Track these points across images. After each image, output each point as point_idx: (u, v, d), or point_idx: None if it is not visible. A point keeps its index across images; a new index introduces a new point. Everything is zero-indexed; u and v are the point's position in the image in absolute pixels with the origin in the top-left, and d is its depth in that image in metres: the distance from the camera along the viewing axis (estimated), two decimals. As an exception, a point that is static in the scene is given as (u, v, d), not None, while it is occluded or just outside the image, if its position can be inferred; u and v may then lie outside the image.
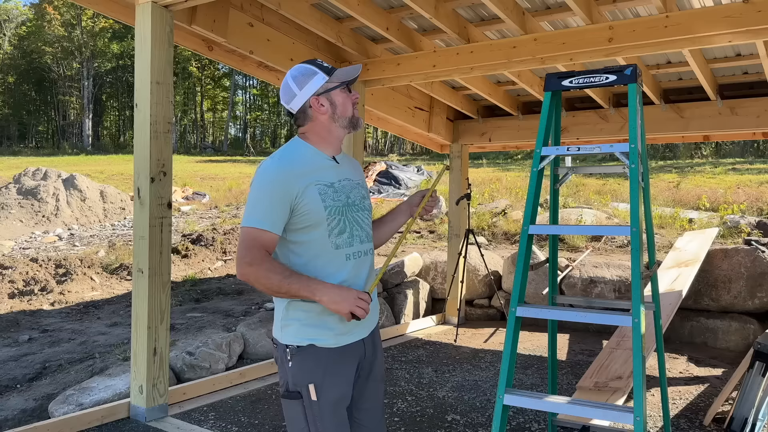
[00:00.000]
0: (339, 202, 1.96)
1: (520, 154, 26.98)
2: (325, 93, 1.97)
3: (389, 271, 6.78)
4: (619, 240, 9.18)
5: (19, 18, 58.96)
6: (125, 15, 4.21)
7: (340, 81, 1.99)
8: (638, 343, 2.39)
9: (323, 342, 1.91)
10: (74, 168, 20.76)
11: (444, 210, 13.21)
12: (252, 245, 1.84)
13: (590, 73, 2.72)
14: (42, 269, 8.43)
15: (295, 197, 1.87)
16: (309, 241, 1.92)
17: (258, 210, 1.86)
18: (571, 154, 2.65)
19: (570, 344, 6.04)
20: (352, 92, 2.03)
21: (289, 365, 1.91)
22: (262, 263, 1.83)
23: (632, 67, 2.65)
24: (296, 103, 1.98)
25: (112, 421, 3.79)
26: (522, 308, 2.59)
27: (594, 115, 6.28)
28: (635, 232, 2.44)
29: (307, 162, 1.95)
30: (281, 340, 1.94)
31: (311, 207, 1.89)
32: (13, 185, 15.16)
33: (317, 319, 1.91)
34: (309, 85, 1.96)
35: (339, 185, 1.98)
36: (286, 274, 1.84)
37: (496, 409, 2.52)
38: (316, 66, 1.99)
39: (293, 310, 1.92)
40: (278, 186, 1.87)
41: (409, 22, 4.91)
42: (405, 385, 4.67)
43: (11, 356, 5.41)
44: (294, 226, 1.91)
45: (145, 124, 3.62)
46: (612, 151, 2.60)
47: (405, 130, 7.10)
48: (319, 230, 1.91)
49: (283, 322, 1.94)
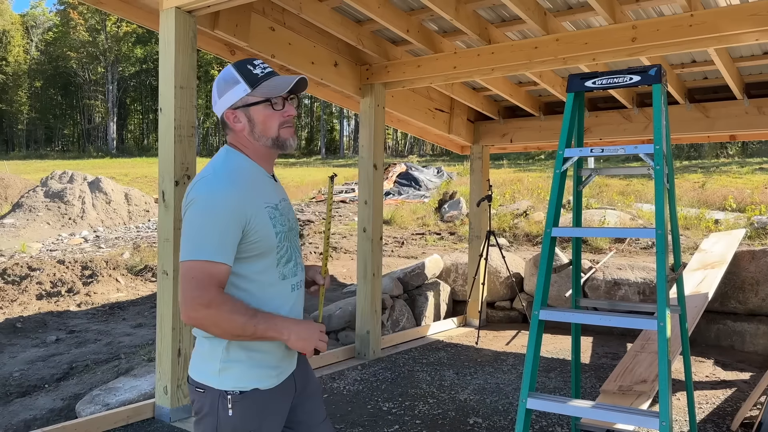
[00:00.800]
0: (285, 227, 1.72)
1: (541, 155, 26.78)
2: (244, 107, 1.68)
3: (410, 273, 6.77)
4: (644, 241, 9.07)
5: (45, 24, 60.16)
6: (149, 21, 4.28)
7: (265, 96, 1.67)
8: (664, 346, 2.36)
9: (266, 384, 1.69)
10: (99, 171, 21.10)
11: (464, 211, 13.17)
12: (207, 283, 1.54)
13: (614, 74, 2.70)
14: (69, 271, 8.59)
15: (247, 222, 1.61)
16: (255, 272, 1.66)
17: (210, 239, 1.56)
18: (594, 156, 2.63)
19: (593, 347, 5.97)
20: (285, 107, 1.71)
21: (228, 414, 1.63)
22: (223, 304, 1.55)
23: (657, 67, 2.62)
24: (217, 110, 1.73)
25: (138, 421, 3.84)
26: (545, 311, 2.57)
27: (617, 115, 6.21)
28: (660, 234, 2.41)
29: (252, 180, 1.69)
30: (218, 386, 1.64)
31: (263, 233, 1.64)
32: (40, 188, 15.47)
33: (262, 358, 1.68)
34: (227, 95, 1.69)
35: (281, 206, 1.74)
36: (250, 314, 1.58)
37: (519, 412, 2.51)
38: (244, 71, 1.68)
39: (235, 350, 1.65)
40: (232, 210, 1.58)
41: (430, 23, 4.90)
42: (426, 387, 4.67)
43: (39, 356, 5.52)
44: (240, 255, 1.63)
45: (169, 128, 3.67)
46: (636, 153, 2.57)
47: (425, 131, 7.09)
48: (267, 259, 1.67)
49: (222, 365, 1.64)
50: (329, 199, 1.94)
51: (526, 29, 4.75)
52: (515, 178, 17.40)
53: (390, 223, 13.43)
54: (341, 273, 8.56)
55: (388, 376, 4.92)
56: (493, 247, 6.53)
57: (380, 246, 5.45)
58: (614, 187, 14.44)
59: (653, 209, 11.64)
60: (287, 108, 1.72)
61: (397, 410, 4.17)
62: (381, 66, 5.30)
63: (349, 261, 9.47)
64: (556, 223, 2.65)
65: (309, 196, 19.78)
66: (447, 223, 13.14)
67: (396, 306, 6.40)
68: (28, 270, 8.64)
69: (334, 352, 5.34)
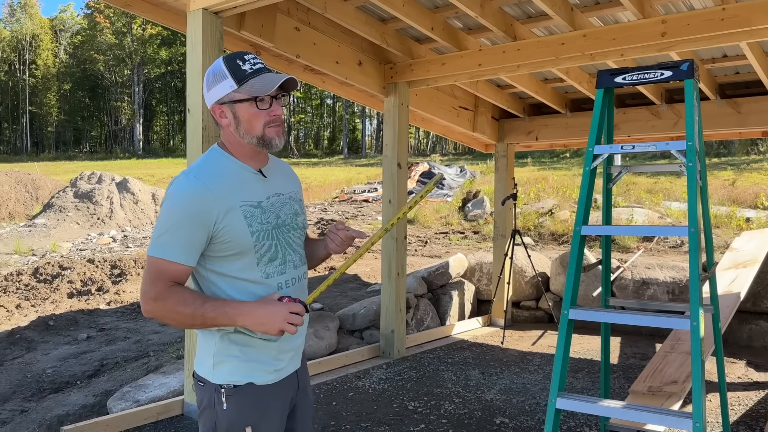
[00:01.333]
0: (268, 225, 1.69)
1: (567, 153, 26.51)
2: (230, 104, 1.66)
3: (434, 272, 6.75)
4: (672, 240, 8.92)
5: (73, 27, 61.31)
6: (176, 22, 4.33)
7: (250, 95, 1.64)
8: (697, 346, 2.31)
9: (262, 379, 1.70)
10: (126, 172, 21.44)
11: (488, 210, 13.09)
12: (157, 278, 1.58)
13: (644, 69, 2.65)
14: (98, 270, 8.74)
15: (213, 224, 1.60)
16: (234, 271, 1.66)
17: (168, 238, 1.59)
18: (625, 153, 2.59)
19: (621, 347, 5.89)
20: (272, 106, 1.67)
21: (223, 408, 1.66)
22: (169, 297, 1.58)
23: (689, 62, 2.57)
24: (207, 102, 1.72)
25: (167, 418, 3.90)
26: (574, 311, 2.54)
27: (645, 111, 6.12)
28: (693, 233, 2.36)
29: (228, 179, 1.67)
30: (212, 380, 1.68)
31: (234, 233, 1.63)
32: (70, 189, 15.77)
33: (255, 353, 1.69)
34: (215, 88, 1.67)
35: (267, 203, 1.71)
36: (198, 303, 1.58)
37: (548, 412, 2.48)
38: (232, 67, 1.65)
39: (227, 344, 1.68)
40: (194, 211, 1.59)
41: (454, 21, 4.88)
42: (452, 387, 4.65)
43: (71, 354, 5.63)
44: (215, 254, 1.65)
45: (197, 129, 3.71)
46: (668, 149, 2.53)
47: (449, 130, 7.06)
48: (244, 259, 1.66)
49: (215, 359, 1.68)
50: (415, 198, 1.78)
51: (552, 25, 4.70)
52: (540, 177, 17.24)
53: (413, 222, 13.41)
54: (365, 272, 8.57)
55: (414, 376, 4.91)
56: (518, 246, 6.48)
57: (404, 245, 5.44)
58: (642, 186, 14.22)
59: (682, 207, 11.44)
60: (274, 107, 1.68)
61: (422, 409, 4.16)
62: (405, 64, 5.29)
63: (372, 260, 9.48)
64: (586, 221, 2.62)
65: (332, 195, 19.86)
66: (471, 222, 13.08)
67: (420, 305, 6.39)
68: (60, 269, 8.82)
69: (359, 351, 5.35)
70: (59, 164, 34.74)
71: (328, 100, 57.27)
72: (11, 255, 11.84)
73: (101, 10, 53.25)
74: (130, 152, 49.35)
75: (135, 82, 53.82)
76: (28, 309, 7.44)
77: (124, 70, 54.69)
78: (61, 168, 30.27)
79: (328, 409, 4.16)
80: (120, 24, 53.46)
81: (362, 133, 53.13)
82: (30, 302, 7.67)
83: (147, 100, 56.65)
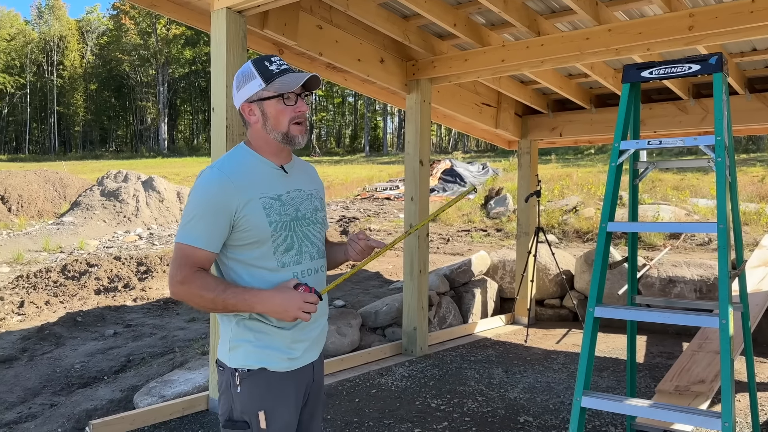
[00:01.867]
0: (286, 216, 1.79)
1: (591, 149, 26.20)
2: (258, 101, 1.78)
3: (456, 270, 6.73)
4: (700, 237, 8.76)
5: (100, 28, 62.31)
6: (200, 22, 4.37)
7: (278, 92, 1.76)
8: (726, 345, 2.27)
9: (275, 366, 1.77)
10: (152, 170, 21.74)
11: (511, 208, 13.00)
12: (184, 263, 1.69)
13: (671, 63, 2.61)
14: (125, 267, 8.88)
15: (234, 213, 1.71)
16: (252, 258, 1.76)
17: (193, 226, 1.70)
18: (652, 148, 2.55)
19: (647, 346, 5.81)
20: (297, 103, 1.78)
21: (237, 390, 1.74)
22: (194, 281, 1.68)
23: (717, 55, 2.52)
24: (235, 102, 1.84)
25: (192, 413, 3.95)
26: (600, 308, 2.51)
27: (672, 106, 6.02)
28: (722, 229, 2.32)
29: (250, 172, 1.78)
30: (229, 364, 1.77)
31: (253, 223, 1.73)
32: (96, 187, 16.04)
33: (269, 340, 1.77)
34: (244, 88, 1.79)
35: (287, 197, 1.81)
36: (220, 289, 1.68)
37: (573, 411, 2.46)
38: (260, 67, 1.77)
39: (243, 330, 1.77)
40: (217, 201, 1.70)
41: (477, 17, 4.85)
42: (475, 385, 4.63)
43: (99, 349, 5.73)
44: (236, 243, 1.75)
45: (221, 127, 3.74)
46: (696, 144, 2.48)
47: (471, 126, 7.03)
48: (262, 248, 1.76)
49: (231, 344, 1.78)
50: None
51: (576, 20, 4.65)
52: (564, 173, 17.07)
53: (435, 219, 13.38)
54: (387, 269, 8.57)
55: (436, 373, 4.90)
56: (542, 243, 6.42)
57: (426, 242, 5.43)
58: (668, 182, 14.00)
59: (709, 204, 11.23)
60: (299, 104, 1.79)
61: (445, 407, 4.15)
62: (427, 61, 5.27)
63: (394, 258, 9.48)
64: (612, 218, 2.59)
65: (353, 193, 19.90)
66: (493, 220, 13.00)
67: (442, 303, 6.38)
68: (87, 266, 8.98)
69: (381, 348, 5.35)
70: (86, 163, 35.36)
71: (349, 98, 57.39)
72: (40, 252, 12.09)
73: (126, 11, 54.02)
74: (156, 151, 50.03)
75: (160, 81, 54.53)
76: (56, 305, 7.60)
77: (149, 70, 55.46)
78: (88, 167, 30.81)
79: (350, 405, 4.17)
80: (145, 24, 54.19)
81: (384, 131, 53.13)
82: (59, 299, 7.83)
83: (171, 100, 57.35)
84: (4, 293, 8.15)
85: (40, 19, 60.53)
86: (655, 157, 17.98)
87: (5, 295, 8.03)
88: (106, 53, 58.39)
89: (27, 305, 7.50)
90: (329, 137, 58.62)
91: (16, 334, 6.34)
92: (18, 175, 17.51)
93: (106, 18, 61.89)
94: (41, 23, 59.94)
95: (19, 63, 56.64)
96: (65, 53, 58.22)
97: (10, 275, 9.80)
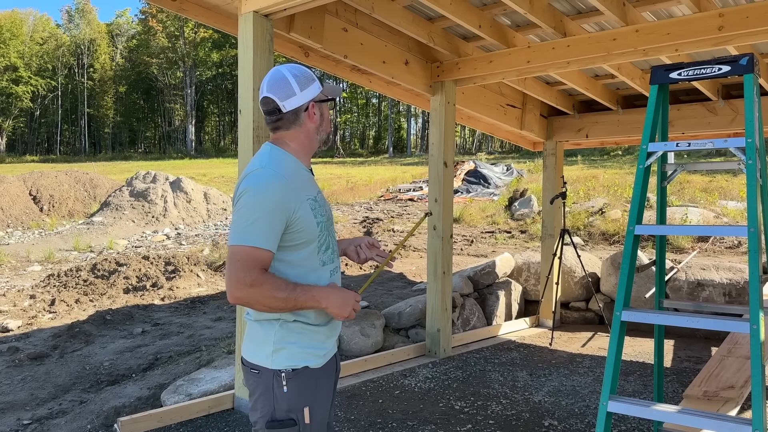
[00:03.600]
0: (323, 217, 1.88)
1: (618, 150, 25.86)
2: (319, 103, 1.90)
3: (480, 271, 6.71)
4: (729, 240, 8.60)
5: (129, 32, 63.43)
6: (228, 25, 4.43)
7: (330, 95, 1.93)
8: (757, 350, 2.23)
9: (314, 363, 1.85)
10: (179, 171, 22.05)
11: (536, 209, 12.90)
12: (252, 266, 1.70)
13: (700, 65, 2.57)
14: (153, 266, 9.02)
15: (292, 214, 1.76)
16: (299, 258, 1.82)
17: (257, 227, 1.71)
18: (681, 150, 2.52)
19: (675, 351, 5.72)
20: (331, 109, 2.01)
21: (284, 390, 1.79)
22: (264, 283, 1.70)
23: (749, 56, 2.48)
24: (292, 102, 1.84)
25: (218, 412, 4.00)
26: (627, 312, 2.48)
27: (701, 108, 5.92)
28: (753, 233, 2.28)
29: (296, 175, 1.85)
30: (271, 366, 1.80)
31: (306, 224, 1.79)
32: (126, 188, 16.33)
33: (309, 340, 1.84)
34: (310, 89, 1.86)
35: (319, 198, 1.90)
36: (290, 288, 1.73)
37: (599, 415, 2.44)
38: (312, 71, 1.95)
39: (287, 332, 1.81)
40: (278, 202, 1.73)
41: (502, 18, 4.83)
42: (499, 387, 4.61)
43: (127, 347, 5.84)
44: (286, 244, 1.79)
45: (248, 129, 3.79)
46: (726, 146, 2.44)
47: (495, 128, 7.00)
48: (310, 247, 1.83)
49: (275, 347, 1.81)
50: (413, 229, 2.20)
51: (603, 21, 4.60)
52: (590, 175, 16.88)
53: (459, 221, 13.34)
54: (410, 271, 8.58)
55: (460, 375, 4.89)
56: (567, 245, 6.37)
57: (450, 244, 5.43)
58: (696, 184, 13.76)
59: (739, 207, 11.00)
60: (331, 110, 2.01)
61: (469, 409, 4.14)
62: (452, 63, 5.27)
63: (417, 259, 9.48)
64: (640, 220, 2.56)
65: (377, 194, 19.94)
66: (517, 222, 12.92)
67: (466, 305, 6.36)
68: (116, 265, 9.15)
69: (405, 349, 5.36)
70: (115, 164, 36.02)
71: (373, 100, 57.50)
72: (71, 252, 12.35)
73: (154, 14, 54.91)
74: (183, 152, 50.72)
75: (187, 84, 55.30)
76: (86, 303, 7.75)
77: (176, 72, 56.27)
78: (118, 168, 31.38)
79: (374, 406, 4.19)
80: (173, 28, 55.02)
81: (407, 132, 53.13)
82: (88, 297, 7.99)
83: (199, 102, 58.14)
84: (36, 291, 8.35)
85: (70, 23, 61.85)
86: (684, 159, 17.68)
87: (37, 293, 8.23)
88: (135, 56, 59.42)
89: (58, 303, 7.67)
90: (353, 138, 58.80)
91: (47, 332, 6.49)
92: (50, 176, 17.92)
93: (136, 22, 62.99)
94: (71, 27, 61.24)
95: (51, 66, 57.94)
96: (95, 56, 59.38)
97: (41, 274, 10.04)
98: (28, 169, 26.10)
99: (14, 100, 55.09)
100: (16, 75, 55.01)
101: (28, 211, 15.94)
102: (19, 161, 44.41)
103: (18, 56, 55.98)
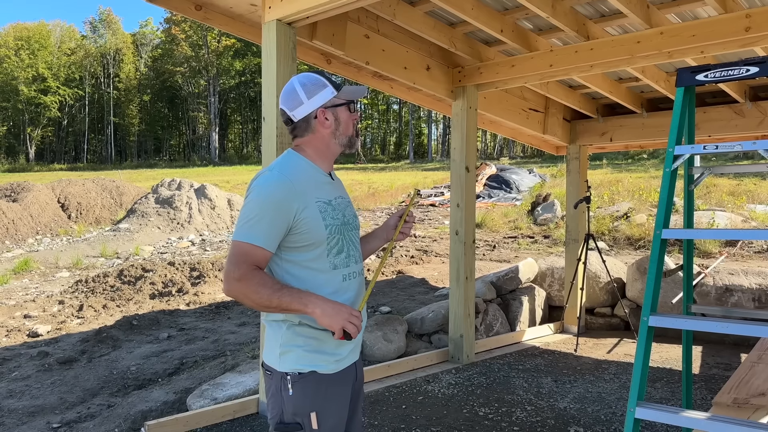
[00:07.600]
0: (337, 221, 1.88)
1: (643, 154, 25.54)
2: (332, 108, 1.91)
3: (503, 277, 6.67)
4: (758, 245, 8.43)
5: (153, 41, 64.49)
6: (251, 34, 4.49)
7: (347, 99, 1.94)
8: (789, 357, 2.19)
9: (324, 368, 1.84)
10: (203, 178, 22.32)
11: (559, 214, 12.79)
12: (242, 260, 1.73)
13: (727, 66, 2.53)
14: (178, 272, 9.13)
15: (294, 215, 1.78)
16: (307, 260, 1.83)
17: (254, 225, 1.75)
18: (708, 153, 2.48)
19: (703, 357, 5.62)
20: (354, 111, 1.97)
21: (289, 393, 1.81)
22: (252, 278, 1.72)
23: (777, 57, 2.44)
24: (301, 111, 1.90)
25: (243, 416, 4.03)
26: (655, 317, 2.45)
27: (727, 110, 5.83)
28: (784, 237, 2.24)
29: (306, 177, 1.87)
30: (278, 368, 1.83)
31: (312, 225, 1.81)
32: (151, 195, 16.57)
33: (318, 344, 1.84)
34: (318, 96, 1.89)
35: (336, 203, 1.91)
36: (276, 288, 1.74)
37: (627, 422, 2.41)
38: (326, 77, 1.94)
39: (293, 335, 1.83)
40: (278, 202, 1.77)
41: (524, 22, 4.82)
42: (523, 394, 4.57)
43: (153, 352, 5.91)
44: (292, 245, 1.82)
45: (272, 136, 3.83)
46: (755, 149, 2.40)
47: (518, 132, 6.97)
48: (318, 249, 1.83)
49: (282, 349, 1.83)
50: (408, 207, 2.15)
51: (627, 24, 4.57)
52: (614, 179, 16.69)
53: (481, 226, 13.28)
54: (432, 276, 8.56)
55: (483, 381, 4.87)
56: (591, 250, 6.30)
57: (473, 249, 5.41)
58: (723, 187, 13.52)
59: (769, 210, 10.78)
60: (356, 111, 1.98)
61: (493, 416, 4.12)
62: (473, 68, 5.27)
63: (440, 264, 9.45)
64: (667, 225, 2.53)
65: (398, 199, 19.95)
66: (540, 227, 12.82)
67: (489, 310, 6.32)
68: (142, 271, 9.28)
69: (428, 355, 5.35)
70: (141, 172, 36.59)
71: (394, 106, 57.62)
72: (98, 258, 12.56)
73: (178, 23, 55.76)
74: (207, 160, 51.35)
75: (211, 92, 56.04)
76: (113, 309, 7.88)
77: (200, 81, 57.06)
78: (143, 175, 31.86)
79: (397, 412, 4.18)
80: (196, 37, 55.82)
81: (428, 138, 53.09)
82: (115, 302, 8.11)
83: (222, 110, 58.87)
84: (65, 297, 8.51)
85: (94, 33, 63.10)
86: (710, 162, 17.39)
87: (65, 299, 8.38)
88: (159, 65, 60.38)
89: (86, 309, 7.80)
90: (374, 145, 58.94)
91: (75, 337, 6.61)
92: (77, 184, 18.26)
93: (160, 31, 64.03)
94: (96, 37, 62.46)
95: (78, 76, 59.16)
96: (121, 66, 60.48)
97: (70, 280, 10.23)
98: (56, 177, 26.64)
99: (43, 110, 56.36)
100: (44, 85, 56.28)
101: (56, 219, 16.26)
102: (47, 170, 45.38)
103: (46, 67, 57.28)
